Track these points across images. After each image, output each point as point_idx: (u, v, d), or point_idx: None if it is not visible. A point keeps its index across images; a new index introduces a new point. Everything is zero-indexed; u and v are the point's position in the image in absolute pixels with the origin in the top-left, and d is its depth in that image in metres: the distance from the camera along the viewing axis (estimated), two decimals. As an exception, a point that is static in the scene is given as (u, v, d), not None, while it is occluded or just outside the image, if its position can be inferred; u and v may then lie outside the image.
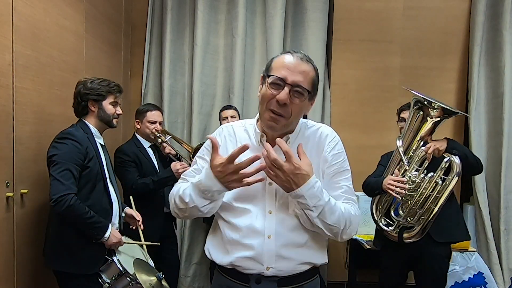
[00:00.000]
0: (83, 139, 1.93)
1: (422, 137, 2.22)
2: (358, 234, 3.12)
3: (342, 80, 3.55)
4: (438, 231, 2.24)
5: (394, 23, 3.51)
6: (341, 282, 3.45)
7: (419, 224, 2.20)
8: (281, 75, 1.22)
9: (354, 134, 3.53)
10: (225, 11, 3.48)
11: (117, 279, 1.96)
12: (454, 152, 2.16)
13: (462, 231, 2.38)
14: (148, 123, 2.66)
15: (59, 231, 1.92)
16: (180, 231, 3.36)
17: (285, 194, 1.25)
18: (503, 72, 3.32)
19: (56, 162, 1.83)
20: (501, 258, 3.34)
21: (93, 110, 2.02)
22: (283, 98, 1.20)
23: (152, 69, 3.51)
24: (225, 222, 1.32)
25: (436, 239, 2.27)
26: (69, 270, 1.91)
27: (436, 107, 2.15)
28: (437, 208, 2.14)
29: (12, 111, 1.87)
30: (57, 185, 1.79)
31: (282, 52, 1.33)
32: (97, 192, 1.96)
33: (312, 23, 3.43)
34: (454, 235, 2.35)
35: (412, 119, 2.25)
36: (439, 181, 2.15)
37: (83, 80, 2.05)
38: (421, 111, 2.20)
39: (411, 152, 2.25)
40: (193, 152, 2.74)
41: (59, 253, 1.92)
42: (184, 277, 3.39)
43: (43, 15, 2.11)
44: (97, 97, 2.00)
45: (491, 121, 3.45)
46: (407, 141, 2.26)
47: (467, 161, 2.21)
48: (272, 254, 1.26)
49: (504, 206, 3.34)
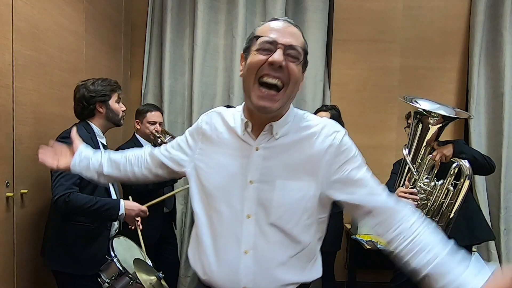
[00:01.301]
0: (87, 139, 1.90)
1: (428, 143, 2.17)
2: (358, 234, 3.12)
3: (342, 80, 3.55)
4: (459, 234, 2.19)
5: (394, 23, 3.51)
6: (341, 282, 3.45)
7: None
8: (271, 38, 1.06)
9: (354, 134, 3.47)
10: (225, 11, 3.48)
11: (117, 278, 1.95)
12: (462, 156, 2.11)
13: (484, 231, 2.31)
14: (148, 123, 2.65)
15: (58, 232, 1.92)
16: (180, 231, 3.35)
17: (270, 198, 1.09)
18: (503, 72, 3.32)
19: None
20: (501, 258, 3.34)
21: (101, 111, 2.02)
22: (278, 58, 1.04)
23: (152, 69, 3.51)
24: (197, 227, 1.19)
25: (458, 243, 2.22)
26: (68, 271, 1.91)
27: (436, 116, 2.11)
28: (452, 213, 2.09)
29: (12, 111, 1.87)
30: (57, 186, 1.79)
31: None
32: (99, 193, 1.96)
33: (312, 23, 3.43)
34: (476, 236, 2.29)
35: (415, 129, 2.20)
36: (450, 187, 2.10)
37: (82, 83, 2.03)
38: (421, 122, 2.15)
39: (419, 160, 2.19)
40: None
41: (59, 254, 1.92)
42: (184, 277, 3.39)
43: (43, 15, 2.10)
44: (103, 97, 2.00)
45: (491, 121, 3.45)
46: (413, 149, 2.21)
47: (477, 162, 2.15)
48: (250, 272, 1.10)
49: (504, 206, 3.34)
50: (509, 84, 3.31)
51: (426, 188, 2.14)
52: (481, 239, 2.34)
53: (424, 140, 2.17)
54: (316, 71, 3.45)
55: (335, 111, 2.82)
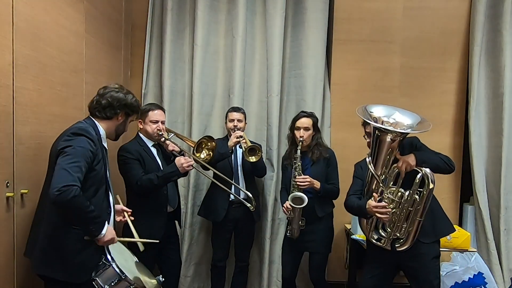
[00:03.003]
0: (95, 139, 1.89)
1: (391, 152, 2.17)
2: (358, 234, 3.12)
3: (342, 80, 3.55)
4: (424, 233, 2.22)
5: (394, 23, 3.52)
6: (341, 282, 3.45)
7: (407, 234, 2.20)
8: None
9: (354, 134, 3.51)
10: (225, 11, 3.48)
11: (116, 284, 1.85)
12: (424, 165, 2.15)
13: (446, 225, 2.37)
14: (150, 122, 2.66)
15: (52, 235, 1.81)
16: (180, 231, 3.36)
17: None
18: (503, 72, 3.32)
19: (68, 153, 1.74)
20: (501, 258, 3.34)
21: (119, 120, 2.03)
22: None
23: (152, 69, 3.51)
24: None
25: (424, 241, 2.25)
26: (59, 278, 1.81)
27: (393, 132, 2.10)
28: (420, 217, 2.16)
29: (12, 111, 1.87)
30: (64, 174, 1.68)
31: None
32: (99, 196, 1.91)
33: (312, 23, 3.43)
34: (441, 231, 2.35)
35: (375, 141, 2.18)
36: (416, 196, 2.16)
37: (118, 87, 2.04)
38: (379, 138, 2.14)
39: (384, 168, 2.20)
40: (195, 147, 2.73)
41: (50, 258, 1.81)
42: (184, 277, 3.39)
43: (43, 15, 2.11)
44: (130, 111, 2.05)
45: (491, 121, 3.45)
46: (375, 159, 2.20)
47: (439, 169, 2.20)
48: None
49: (504, 206, 3.34)
50: (509, 84, 3.31)
51: (394, 198, 2.20)
52: (444, 233, 2.39)
53: (385, 151, 2.16)
54: (316, 71, 3.45)
55: (316, 118, 2.88)
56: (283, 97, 3.52)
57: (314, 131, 2.84)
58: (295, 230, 2.76)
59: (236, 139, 2.88)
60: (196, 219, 3.45)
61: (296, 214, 2.72)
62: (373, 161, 2.20)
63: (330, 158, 2.86)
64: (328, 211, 2.87)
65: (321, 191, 2.76)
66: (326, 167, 2.84)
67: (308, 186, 2.71)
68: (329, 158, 2.85)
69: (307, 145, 2.82)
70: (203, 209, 3.16)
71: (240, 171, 3.03)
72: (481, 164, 3.40)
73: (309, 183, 2.70)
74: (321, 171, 2.82)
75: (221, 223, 3.01)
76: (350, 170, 2.94)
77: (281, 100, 3.46)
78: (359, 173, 2.52)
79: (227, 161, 2.98)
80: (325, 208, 2.84)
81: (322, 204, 2.82)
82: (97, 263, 1.87)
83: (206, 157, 2.72)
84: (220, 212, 2.98)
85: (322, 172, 2.83)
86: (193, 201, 3.42)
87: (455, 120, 3.52)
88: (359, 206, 2.32)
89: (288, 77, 3.54)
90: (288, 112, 3.53)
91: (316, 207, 2.77)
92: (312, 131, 2.82)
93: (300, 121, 2.81)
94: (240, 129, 2.96)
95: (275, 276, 3.46)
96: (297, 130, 2.80)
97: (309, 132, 2.80)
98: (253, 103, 3.48)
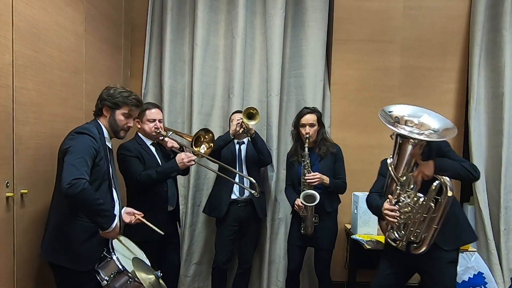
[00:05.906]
0: (98, 137, 2.00)
1: (412, 157, 2.09)
2: (358, 234, 3.12)
3: (342, 80, 3.55)
4: (445, 239, 2.16)
5: (394, 23, 3.52)
6: (341, 282, 3.45)
7: (422, 240, 2.14)
8: None
9: (354, 134, 3.54)
10: (225, 12, 3.48)
11: (116, 276, 1.96)
12: (444, 174, 2.06)
13: (470, 233, 2.30)
14: (147, 121, 2.67)
15: (59, 224, 1.94)
16: (180, 231, 3.36)
17: None
18: (503, 72, 3.32)
19: (73, 151, 1.85)
20: (501, 258, 3.34)
21: (105, 115, 2.11)
22: None
23: (152, 69, 3.52)
24: None
25: (444, 247, 2.18)
26: (63, 264, 1.93)
27: (417, 140, 2.02)
28: (437, 225, 2.08)
29: (12, 111, 1.87)
30: (72, 169, 1.79)
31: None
32: (102, 191, 1.99)
33: (312, 23, 3.43)
34: (463, 239, 2.28)
35: (398, 145, 2.11)
36: (431, 204, 2.07)
37: (112, 86, 2.15)
38: (402, 143, 2.07)
39: (404, 170, 2.12)
40: (193, 141, 2.72)
41: (56, 246, 1.93)
42: (184, 277, 3.39)
43: (43, 15, 2.10)
44: (112, 104, 2.08)
45: (491, 121, 3.45)
46: (398, 162, 2.13)
47: (460, 177, 2.13)
48: None
49: (504, 206, 3.34)
50: (509, 84, 3.31)
51: (409, 203, 2.12)
52: (466, 241, 2.33)
53: (407, 155, 2.08)
54: (316, 71, 3.45)
55: (319, 113, 2.88)
56: (283, 97, 3.52)
57: (319, 126, 2.84)
58: (309, 228, 2.78)
59: (237, 121, 2.90)
60: (196, 219, 3.45)
61: (309, 212, 2.74)
62: (394, 163, 2.14)
63: (337, 153, 2.87)
64: (336, 206, 2.89)
65: (331, 186, 2.78)
66: (333, 162, 2.86)
67: (318, 182, 2.72)
68: (336, 153, 2.87)
69: (313, 141, 2.83)
70: (207, 206, 3.19)
71: (244, 167, 3.07)
72: (481, 164, 3.39)
73: (319, 179, 2.71)
74: (329, 166, 2.83)
75: (225, 222, 3.01)
76: (350, 170, 2.96)
77: (281, 100, 3.47)
78: (383, 171, 2.43)
79: (231, 155, 3.03)
80: (333, 203, 2.87)
81: (331, 199, 2.84)
82: (100, 255, 1.99)
83: (207, 151, 2.72)
84: (222, 208, 2.99)
85: (330, 167, 2.84)
86: (193, 201, 3.42)
87: (455, 120, 3.52)
88: (377, 206, 2.29)
89: (288, 77, 3.55)
90: (288, 112, 3.54)
91: (325, 202, 2.79)
92: (317, 126, 2.83)
93: (305, 118, 2.80)
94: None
95: (275, 276, 3.46)
96: (302, 127, 2.80)
97: (315, 127, 2.81)
98: (253, 103, 3.48)
